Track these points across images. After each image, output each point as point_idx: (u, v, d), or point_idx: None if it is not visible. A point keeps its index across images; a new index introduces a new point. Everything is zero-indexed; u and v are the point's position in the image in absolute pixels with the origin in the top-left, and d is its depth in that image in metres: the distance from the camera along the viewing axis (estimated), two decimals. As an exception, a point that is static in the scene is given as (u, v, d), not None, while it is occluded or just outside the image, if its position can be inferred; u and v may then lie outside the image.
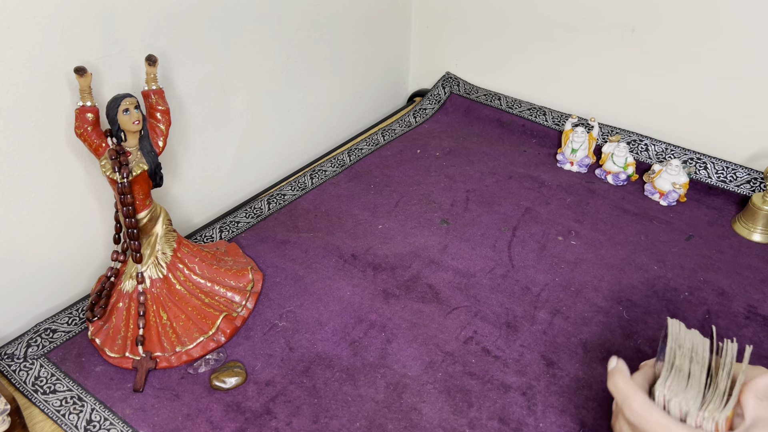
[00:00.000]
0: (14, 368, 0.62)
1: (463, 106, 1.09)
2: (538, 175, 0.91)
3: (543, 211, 0.84)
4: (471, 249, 0.77)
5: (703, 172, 0.87)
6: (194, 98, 0.77)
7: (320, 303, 0.70)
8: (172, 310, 0.64)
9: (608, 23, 0.91)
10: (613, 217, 0.83)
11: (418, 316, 0.68)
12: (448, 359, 0.63)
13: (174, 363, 0.62)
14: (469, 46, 1.09)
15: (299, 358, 0.63)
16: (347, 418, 0.57)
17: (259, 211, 0.85)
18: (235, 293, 0.68)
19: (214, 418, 0.57)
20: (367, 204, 0.86)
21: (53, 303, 0.71)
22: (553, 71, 1.01)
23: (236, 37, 0.79)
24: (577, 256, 0.76)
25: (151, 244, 0.64)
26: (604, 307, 0.69)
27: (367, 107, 1.11)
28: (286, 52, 0.88)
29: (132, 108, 0.57)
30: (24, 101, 0.60)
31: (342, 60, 0.99)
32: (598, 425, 0.56)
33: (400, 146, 1.00)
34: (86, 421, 0.57)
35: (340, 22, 0.95)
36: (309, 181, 0.91)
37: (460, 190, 0.89)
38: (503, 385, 0.60)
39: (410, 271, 0.74)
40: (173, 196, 0.80)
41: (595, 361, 0.62)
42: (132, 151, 0.59)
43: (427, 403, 0.58)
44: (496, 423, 0.56)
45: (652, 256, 0.76)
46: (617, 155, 0.89)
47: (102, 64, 0.65)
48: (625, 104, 0.96)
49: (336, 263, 0.75)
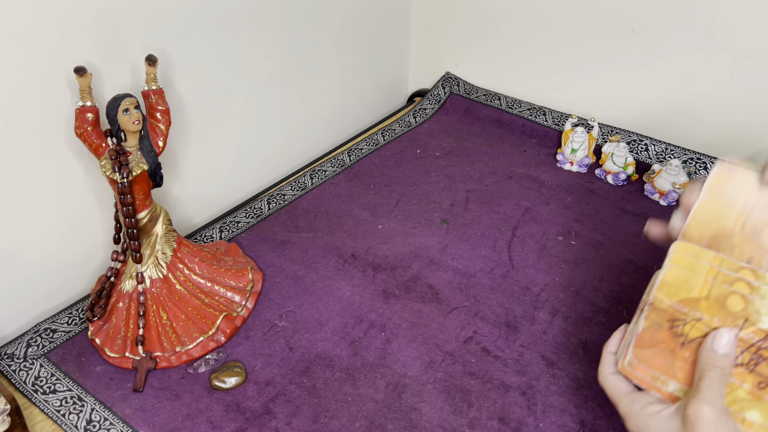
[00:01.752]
0: (14, 368, 0.62)
1: (463, 106, 1.09)
2: (538, 175, 0.91)
3: (543, 211, 0.84)
4: (471, 249, 0.77)
5: (703, 172, 0.87)
6: (194, 98, 0.77)
7: (320, 303, 0.70)
8: (172, 310, 0.64)
9: (608, 23, 0.91)
10: (613, 217, 0.83)
11: (418, 316, 0.68)
12: (448, 359, 0.63)
13: (174, 363, 0.62)
14: (469, 46, 1.09)
15: (299, 358, 0.63)
16: (347, 418, 0.57)
17: (259, 211, 0.85)
18: (235, 293, 0.68)
19: (214, 418, 0.57)
20: (367, 204, 0.86)
21: (53, 303, 0.71)
22: (553, 71, 1.01)
23: (236, 37, 0.79)
24: (577, 256, 0.76)
25: (151, 244, 0.64)
26: (604, 307, 0.69)
27: (367, 107, 1.11)
28: (286, 52, 0.88)
29: (132, 108, 0.57)
30: (24, 101, 0.60)
31: (342, 60, 0.99)
32: (598, 425, 0.56)
33: (400, 146, 1.00)
34: (86, 421, 0.57)
35: (340, 22, 0.95)
36: (309, 181, 0.91)
37: (460, 190, 0.89)
38: (503, 385, 0.60)
39: (410, 271, 0.74)
40: (173, 196, 0.80)
41: (595, 361, 0.62)
42: (132, 151, 0.59)
43: (427, 403, 0.58)
44: (496, 423, 0.56)
45: (652, 256, 0.76)
46: (617, 155, 0.89)
47: (102, 64, 0.65)
48: (625, 104, 0.96)
49: (336, 263, 0.75)
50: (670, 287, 0.42)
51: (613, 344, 0.47)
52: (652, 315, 0.43)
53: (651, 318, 0.42)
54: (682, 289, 0.41)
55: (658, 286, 0.42)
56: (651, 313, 0.42)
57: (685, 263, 0.42)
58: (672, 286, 0.42)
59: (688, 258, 0.42)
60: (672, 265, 0.42)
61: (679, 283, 0.42)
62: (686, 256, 0.42)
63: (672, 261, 0.43)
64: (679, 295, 0.42)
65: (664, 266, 0.43)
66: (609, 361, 0.46)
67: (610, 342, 0.47)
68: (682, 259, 0.42)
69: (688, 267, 0.42)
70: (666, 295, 0.42)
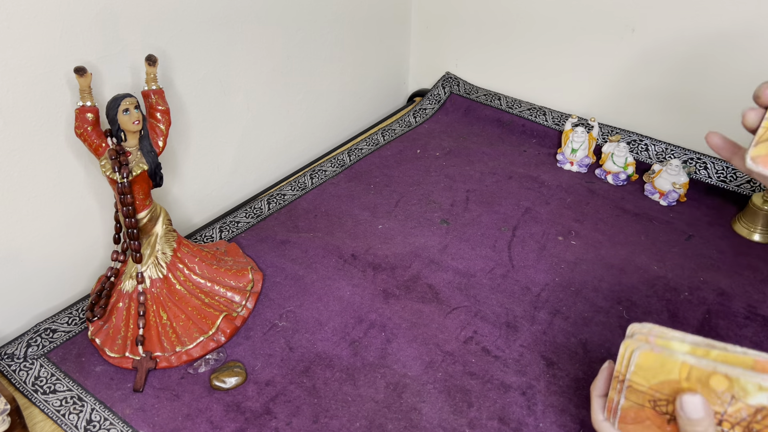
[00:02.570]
0: (14, 368, 0.62)
1: (463, 106, 1.09)
2: (538, 175, 0.91)
3: (543, 211, 0.84)
4: (471, 249, 0.77)
5: (703, 172, 0.87)
6: (194, 98, 0.77)
7: (320, 303, 0.70)
8: (172, 310, 0.64)
9: (608, 23, 0.91)
10: (613, 217, 0.83)
11: (418, 316, 0.68)
12: (448, 359, 0.63)
13: (174, 363, 0.62)
14: (469, 46, 1.09)
15: (299, 358, 0.63)
16: (347, 418, 0.57)
17: (259, 211, 0.85)
18: (235, 293, 0.68)
19: (214, 418, 0.57)
20: (367, 204, 0.86)
21: (53, 303, 0.71)
22: (553, 71, 1.01)
23: (236, 37, 0.79)
24: (577, 256, 0.76)
25: (151, 244, 0.64)
26: (604, 307, 0.69)
27: (367, 107, 1.11)
28: (286, 52, 0.88)
29: (132, 108, 0.57)
30: (24, 101, 0.60)
31: (342, 60, 0.99)
32: (598, 425, 0.56)
33: (400, 146, 1.00)
34: (86, 421, 0.57)
35: (340, 22, 0.95)
36: (309, 181, 0.91)
37: (460, 190, 0.89)
38: (503, 385, 0.60)
39: (410, 271, 0.74)
40: (173, 196, 0.80)
41: (595, 361, 0.62)
42: (132, 151, 0.59)
43: (427, 403, 0.58)
44: (496, 423, 0.56)
45: (652, 256, 0.76)
46: (617, 155, 0.89)
47: (102, 64, 0.65)
48: (625, 104, 0.96)
49: (336, 263, 0.75)
50: (647, 371, 0.40)
51: (600, 386, 0.46)
52: (631, 396, 0.41)
53: (631, 399, 0.41)
54: (660, 372, 0.40)
55: (634, 371, 0.41)
56: (630, 394, 0.41)
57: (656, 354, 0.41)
58: (648, 369, 0.40)
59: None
60: (643, 347, 0.40)
61: (655, 367, 0.40)
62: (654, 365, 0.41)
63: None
64: (657, 378, 0.40)
65: (632, 344, 0.41)
66: (598, 406, 0.45)
67: (597, 384, 0.46)
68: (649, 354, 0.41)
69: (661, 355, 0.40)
70: (643, 379, 0.40)
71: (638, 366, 0.40)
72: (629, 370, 0.41)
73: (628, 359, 0.41)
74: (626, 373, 0.41)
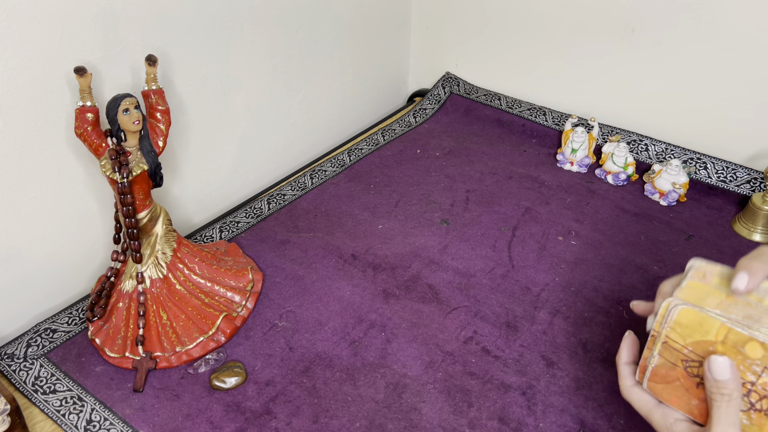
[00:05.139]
0: (14, 368, 0.62)
1: (463, 106, 1.09)
2: (538, 175, 0.91)
3: (543, 211, 0.84)
4: (471, 249, 0.77)
5: (703, 172, 0.87)
6: (194, 98, 0.77)
7: (320, 303, 0.70)
8: (172, 310, 0.64)
9: (608, 23, 0.91)
10: (613, 217, 0.83)
11: (418, 316, 0.68)
12: (448, 359, 0.63)
13: (174, 363, 0.62)
14: (469, 46, 1.09)
15: (299, 358, 0.63)
16: (347, 418, 0.57)
17: (259, 211, 0.85)
18: (235, 293, 0.68)
19: (214, 418, 0.57)
20: (367, 204, 0.86)
21: (53, 303, 0.71)
22: (553, 71, 1.01)
23: (236, 37, 0.79)
24: (577, 256, 0.76)
25: (151, 244, 0.64)
26: (604, 307, 0.69)
27: (367, 107, 1.11)
28: (286, 52, 0.88)
29: (132, 108, 0.57)
30: (24, 101, 0.60)
31: (342, 60, 0.99)
32: (598, 425, 0.56)
33: (400, 146, 1.00)
34: (86, 421, 0.57)
35: (340, 22, 0.95)
36: (309, 181, 0.91)
37: (460, 190, 0.89)
38: (503, 385, 0.60)
39: (410, 271, 0.74)
40: (173, 196, 0.80)
41: (595, 361, 0.62)
42: (132, 151, 0.59)
43: (427, 403, 0.58)
44: (496, 423, 0.56)
45: (652, 256, 0.76)
46: (617, 155, 0.89)
47: (102, 64, 0.65)
48: (625, 104, 0.96)
49: (336, 263, 0.75)
50: (684, 328, 0.40)
51: (625, 354, 0.46)
52: (665, 353, 0.42)
53: (664, 356, 0.42)
54: (697, 331, 0.40)
55: (672, 326, 0.41)
56: (664, 351, 0.41)
57: (698, 298, 0.41)
58: (686, 327, 0.40)
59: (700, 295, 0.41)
60: (685, 305, 0.41)
61: (693, 325, 0.40)
62: (699, 293, 0.41)
63: (686, 297, 0.41)
64: (693, 337, 0.40)
65: (674, 302, 0.41)
66: (626, 373, 0.45)
67: (621, 353, 0.46)
68: (694, 293, 0.41)
69: (701, 304, 0.41)
70: (680, 336, 0.41)
71: (677, 322, 0.41)
72: (667, 325, 0.41)
73: (666, 316, 0.41)
74: (663, 330, 0.41)
